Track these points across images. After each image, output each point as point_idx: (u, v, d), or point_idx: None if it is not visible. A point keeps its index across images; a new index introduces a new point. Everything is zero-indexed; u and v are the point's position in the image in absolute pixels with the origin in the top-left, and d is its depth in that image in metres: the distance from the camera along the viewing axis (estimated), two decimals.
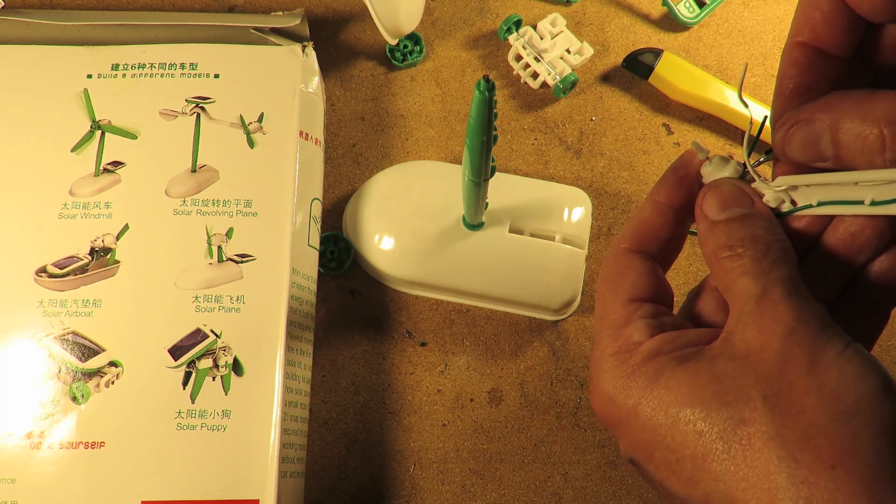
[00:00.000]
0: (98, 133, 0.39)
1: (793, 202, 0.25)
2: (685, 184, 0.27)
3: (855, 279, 0.25)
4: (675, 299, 0.28)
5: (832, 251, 0.25)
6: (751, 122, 0.27)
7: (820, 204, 0.24)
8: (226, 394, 0.35)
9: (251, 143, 0.39)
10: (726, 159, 0.26)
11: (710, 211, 0.25)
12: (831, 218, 0.25)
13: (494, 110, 0.26)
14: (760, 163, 0.26)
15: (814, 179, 0.23)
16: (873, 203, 0.22)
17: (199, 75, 0.40)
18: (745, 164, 0.26)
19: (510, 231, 0.40)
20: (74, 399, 0.35)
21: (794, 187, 0.24)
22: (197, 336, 0.36)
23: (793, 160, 0.24)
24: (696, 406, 0.22)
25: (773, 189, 0.25)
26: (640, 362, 0.24)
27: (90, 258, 0.37)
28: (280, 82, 0.40)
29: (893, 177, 0.21)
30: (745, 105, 0.28)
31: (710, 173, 0.26)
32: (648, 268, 0.26)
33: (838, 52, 0.24)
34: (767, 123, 0.26)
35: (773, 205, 0.25)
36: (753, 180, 0.25)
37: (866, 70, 0.25)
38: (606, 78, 0.46)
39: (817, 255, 0.25)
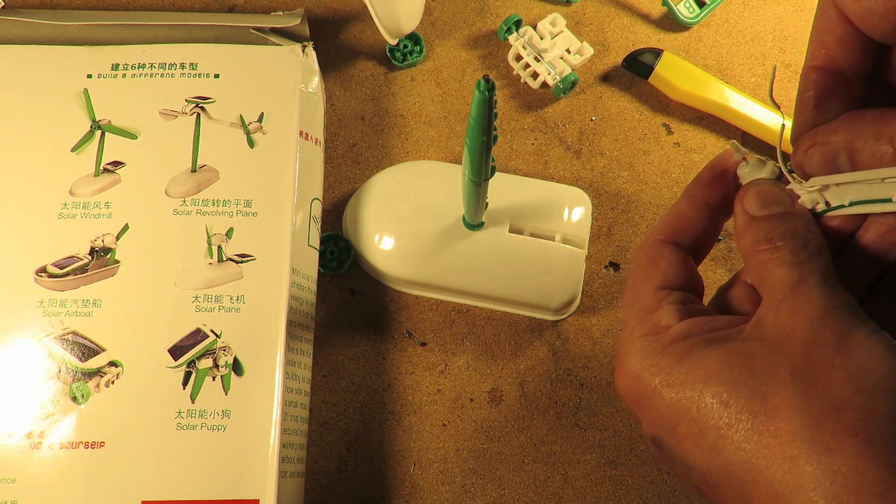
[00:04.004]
0: (98, 133, 0.39)
1: (827, 203, 0.25)
2: (720, 182, 0.28)
3: (884, 277, 0.26)
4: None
5: (864, 249, 0.26)
6: (783, 126, 0.27)
7: (852, 204, 0.24)
8: (226, 394, 0.35)
9: (251, 143, 0.39)
10: (763, 161, 0.27)
11: (751, 207, 0.25)
12: (864, 218, 0.26)
13: (494, 110, 0.26)
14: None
15: (843, 178, 0.24)
16: None
17: (199, 75, 0.40)
18: (780, 167, 0.26)
19: (510, 231, 0.40)
20: (74, 399, 0.35)
21: (827, 187, 0.25)
22: (197, 336, 0.36)
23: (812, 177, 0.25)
24: (724, 380, 0.23)
25: (806, 190, 0.25)
26: (669, 343, 0.24)
27: (90, 258, 0.37)
28: (280, 82, 0.40)
29: None
30: (777, 106, 0.29)
31: (747, 174, 0.27)
32: (681, 258, 0.27)
33: (854, 73, 0.25)
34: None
35: (808, 206, 0.26)
36: (789, 183, 0.26)
37: (883, 88, 0.26)
38: (606, 78, 0.46)
39: (849, 252, 0.26)
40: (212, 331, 0.36)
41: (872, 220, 0.25)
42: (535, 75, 0.44)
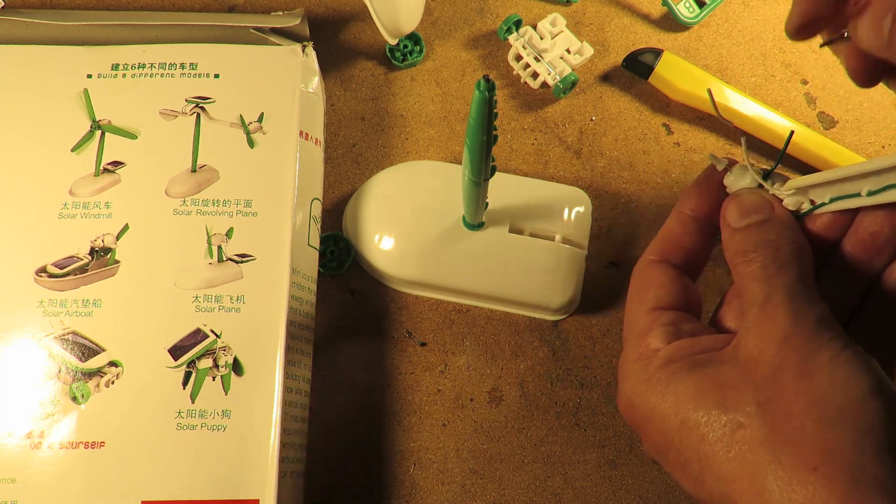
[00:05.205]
0: (98, 133, 0.39)
1: (812, 202, 0.25)
2: (707, 195, 0.28)
3: (876, 283, 0.26)
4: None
5: (852, 253, 0.25)
6: (744, 139, 0.28)
7: (832, 200, 0.25)
8: (226, 394, 0.35)
9: (251, 143, 0.39)
10: (747, 168, 0.27)
11: (732, 219, 0.26)
12: (852, 220, 0.25)
13: (494, 110, 0.26)
14: (773, 169, 0.27)
15: (816, 179, 0.24)
16: (869, 193, 0.23)
17: (199, 75, 0.40)
18: (765, 172, 0.27)
19: (510, 231, 0.40)
20: (74, 399, 0.35)
21: (805, 189, 0.25)
22: (197, 336, 0.36)
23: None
24: (700, 411, 0.23)
25: (786, 193, 0.26)
26: (656, 368, 0.25)
27: (90, 258, 0.37)
28: (280, 82, 0.40)
29: (880, 166, 0.22)
30: (728, 122, 0.30)
31: (732, 182, 0.27)
32: (672, 277, 0.27)
33: None
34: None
35: (792, 207, 0.26)
36: (782, 181, 0.26)
37: None
38: (606, 78, 0.46)
39: (837, 258, 0.26)
40: (212, 331, 0.36)
41: (859, 223, 0.25)
42: (535, 75, 0.44)
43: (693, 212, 0.28)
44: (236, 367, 0.35)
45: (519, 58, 0.45)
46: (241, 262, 0.37)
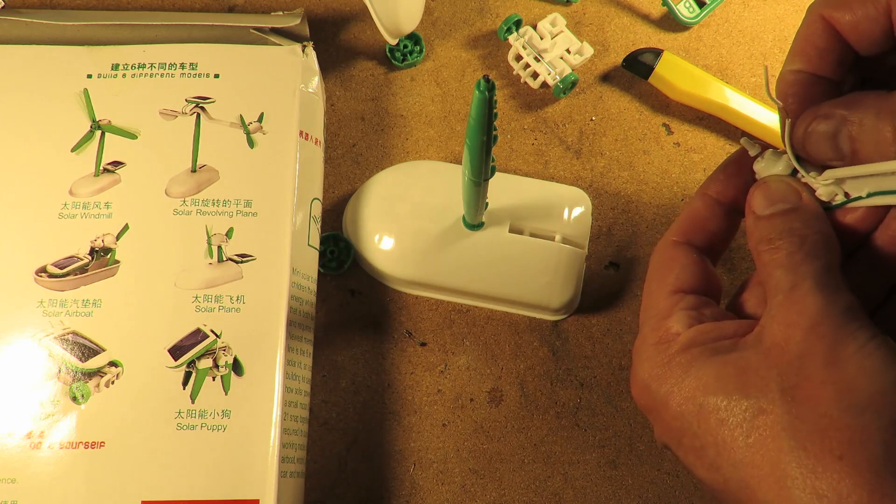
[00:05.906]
0: (98, 133, 0.39)
1: (846, 195, 0.25)
2: (735, 180, 0.27)
3: None
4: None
5: (882, 249, 0.25)
6: (786, 119, 0.27)
7: (869, 195, 0.24)
8: (226, 394, 0.35)
9: (251, 143, 0.39)
10: (779, 155, 0.26)
11: (757, 206, 0.25)
12: (885, 214, 0.25)
13: (494, 110, 0.26)
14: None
15: (857, 171, 0.24)
16: None
17: (199, 75, 0.40)
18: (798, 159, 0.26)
19: (510, 231, 0.40)
20: (74, 399, 0.35)
21: (842, 180, 0.24)
22: (197, 336, 0.36)
23: (813, 157, 0.25)
24: (720, 395, 0.22)
25: (822, 183, 0.25)
26: (676, 352, 0.24)
27: (90, 258, 0.37)
28: (280, 82, 0.40)
29: None
30: (778, 102, 0.29)
31: (762, 169, 0.26)
32: (694, 260, 0.27)
33: (833, 78, 0.25)
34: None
35: (825, 198, 0.25)
36: (803, 176, 0.26)
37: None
38: (606, 78, 0.46)
39: (864, 253, 0.25)
40: (212, 331, 0.36)
41: (892, 218, 0.25)
42: (535, 75, 0.44)
43: (718, 195, 0.27)
44: (236, 367, 0.35)
45: (519, 58, 0.45)
46: (241, 262, 0.37)
